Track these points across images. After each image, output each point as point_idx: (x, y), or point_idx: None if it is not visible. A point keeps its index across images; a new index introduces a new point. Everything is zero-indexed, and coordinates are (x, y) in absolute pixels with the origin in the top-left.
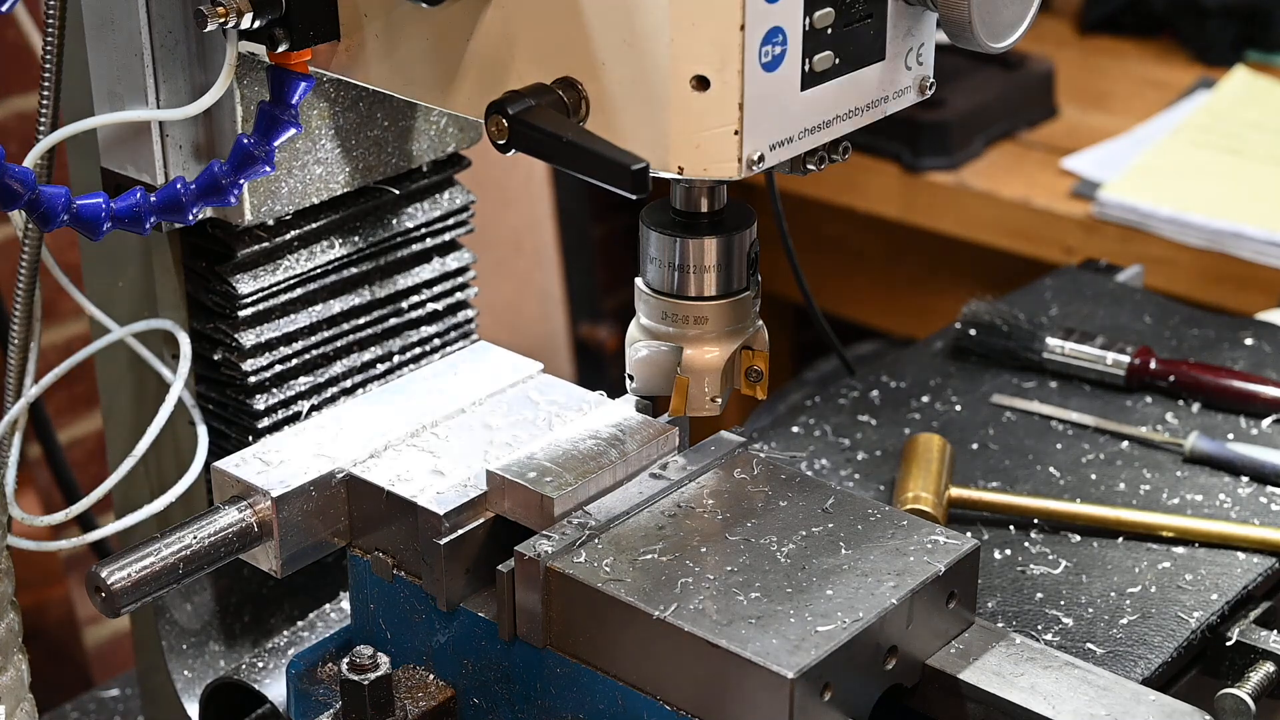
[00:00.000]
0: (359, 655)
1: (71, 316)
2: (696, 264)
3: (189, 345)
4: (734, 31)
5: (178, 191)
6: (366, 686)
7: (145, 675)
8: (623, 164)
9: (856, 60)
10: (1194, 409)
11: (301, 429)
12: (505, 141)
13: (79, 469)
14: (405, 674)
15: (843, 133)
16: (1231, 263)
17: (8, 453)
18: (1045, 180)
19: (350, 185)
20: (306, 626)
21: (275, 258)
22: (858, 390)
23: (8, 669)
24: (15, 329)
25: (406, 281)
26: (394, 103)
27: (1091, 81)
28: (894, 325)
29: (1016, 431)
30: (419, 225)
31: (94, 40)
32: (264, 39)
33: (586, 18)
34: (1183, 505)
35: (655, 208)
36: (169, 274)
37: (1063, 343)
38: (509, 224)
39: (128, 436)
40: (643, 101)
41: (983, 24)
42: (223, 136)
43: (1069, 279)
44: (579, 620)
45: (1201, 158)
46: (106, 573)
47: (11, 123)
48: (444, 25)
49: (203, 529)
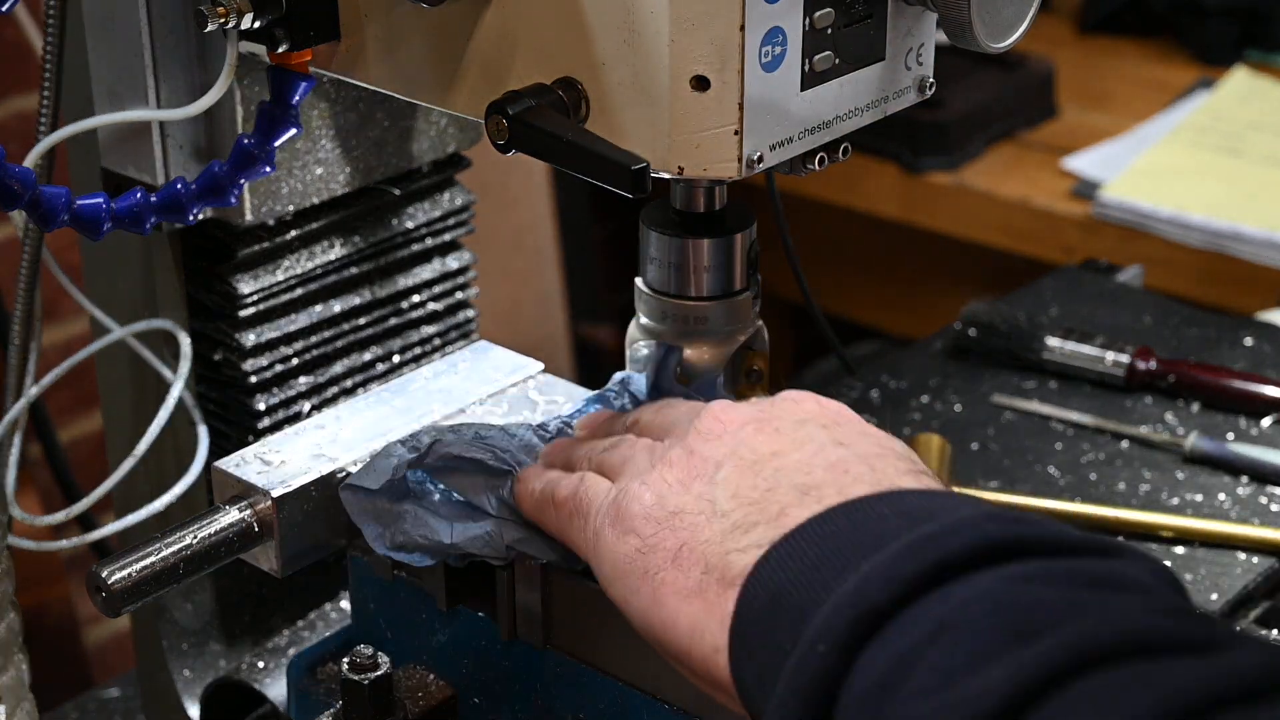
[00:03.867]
0: (359, 655)
1: (71, 316)
2: (696, 264)
3: (189, 345)
4: (734, 31)
5: (178, 191)
6: (366, 686)
7: (145, 675)
8: (623, 164)
9: (856, 60)
10: (1194, 409)
11: (302, 429)
12: (505, 141)
13: (79, 469)
14: (405, 674)
15: (843, 133)
16: (1231, 263)
17: (8, 453)
18: (1045, 180)
19: (351, 185)
20: (306, 626)
21: (275, 258)
22: (858, 390)
23: (8, 669)
24: (15, 329)
25: (407, 281)
26: (394, 103)
27: (1091, 81)
28: (894, 325)
29: (1016, 431)
30: (419, 225)
31: (94, 40)
32: (264, 39)
33: (586, 18)
34: (1183, 505)
35: (655, 207)
36: (169, 274)
37: (1062, 343)
38: (509, 224)
39: (128, 436)
40: (643, 102)
41: (983, 24)
42: (223, 137)
43: (1069, 279)
44: (579, 620)
45: (1201, 158)
46: (106, 573)
47: (11, 123)
48: (444, 25)
49: (203, 529)
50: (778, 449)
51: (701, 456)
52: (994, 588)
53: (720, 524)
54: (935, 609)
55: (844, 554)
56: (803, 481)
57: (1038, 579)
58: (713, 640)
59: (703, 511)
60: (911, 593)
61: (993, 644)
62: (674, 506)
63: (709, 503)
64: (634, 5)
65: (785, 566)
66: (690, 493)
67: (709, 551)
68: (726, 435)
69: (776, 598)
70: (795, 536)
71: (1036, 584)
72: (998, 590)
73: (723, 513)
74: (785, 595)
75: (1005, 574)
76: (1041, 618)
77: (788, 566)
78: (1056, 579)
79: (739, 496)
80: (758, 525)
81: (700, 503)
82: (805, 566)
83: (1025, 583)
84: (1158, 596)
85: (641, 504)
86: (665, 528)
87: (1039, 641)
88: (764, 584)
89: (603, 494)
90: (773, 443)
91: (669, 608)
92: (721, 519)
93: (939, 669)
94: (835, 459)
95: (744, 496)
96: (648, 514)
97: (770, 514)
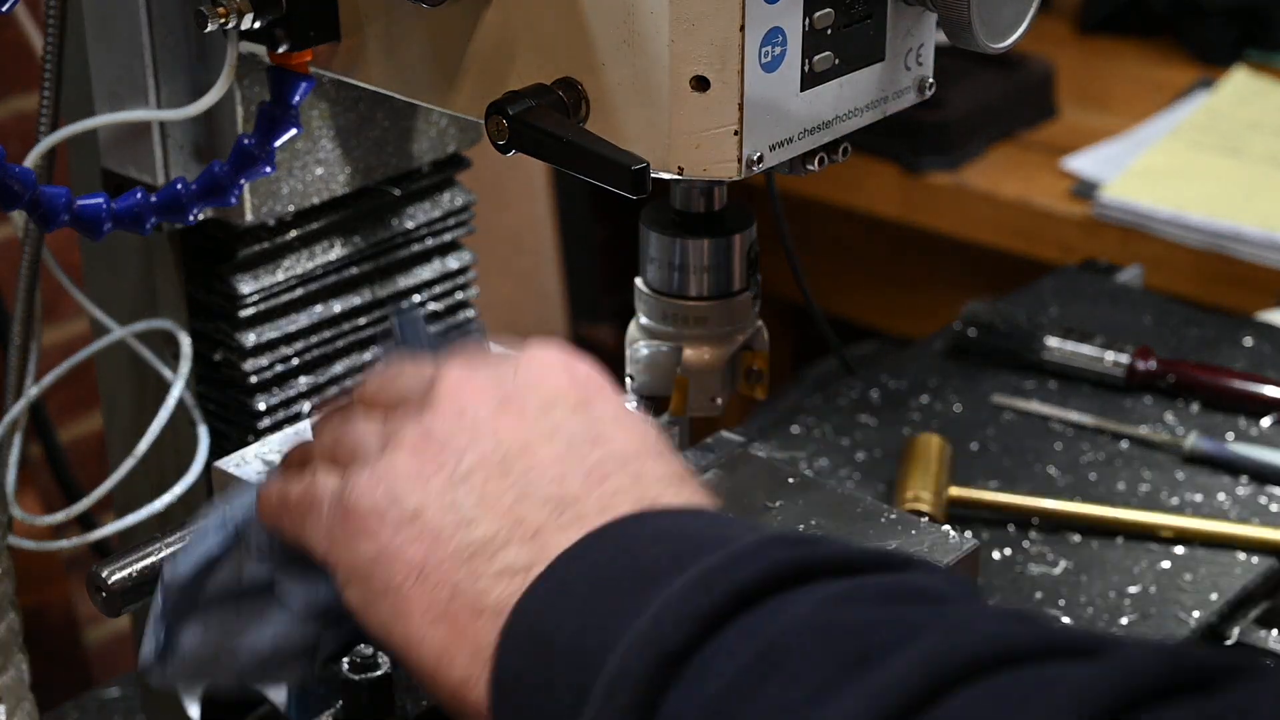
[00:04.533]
0: (359, 655)
1: (71, 316)
2: (696, 264)
3: (189, 345)
4: (734, 32)
5: (178, 192)
6: (366, 686)
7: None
8: (623, 164)
9: (856, 60)
10: (1194, 409)
11: (302, 429)
12: (505, 142)
13: (79, 469)
14: (406, 674)
15: (842, 133)
16: (1231, 263)
17: (8, 453)
18: (1045, 180)
19: (351, 186)
20: None
21: (276, 258)
22: (857, 390)
23: (8, 669)
24: (15, 329)
25: (407, 281)
26: (394, 103)
27: (1091, 81)
28: (894, 325)
29: (1016, 431)
30: (419, 226)
31: (94, 40)
32: (265, 39)
33: (586, 18)
34: (1182, 505)
35: (655, 208)
36: (169, 274)
37: (1062, 342)
38: (509, 224)
39: (128, 436)
40: (643, 102)
41: (982, 24)
42: (223, 137)
43: (1069, 279)
44: None
45: (1201, 158)
46: (107, 573)
47: (11, 123)
48: (444, 26)
49: None
50: (527, 440)
51: (439, 442)
52: (809, 615)
53: (467, 535)
54: (745, 643)
55: (619, 589)
56: (558, 493)
57: (851, 600)
58: (463, 671)
59: (446, 516)
60: (709, 629)
61: (831, 674)
62: (412, 505)
63: (451, 505)
64: (634, 6)
65: (553, 605)
66: (429, 488)
67: (457, 573)
68: (466, 414)
69: (546, 641)
70: (560, 568)
71: (852, 605)
72: (814, 617)
73: (469, 520)
74: (557, 637)
75: (814, 599)
76: (874, 640)
77: (556, 605)
78: (869, 599)
79: (486, 502)
80: (510, 544)
81: (441, 503)
82: (576, 605)
83: (840, 606)
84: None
85: (372, 499)
86: (404, 534)
87: (884, 665)
88: (529, 625)
89: (332, 488)
90: (519, 431)
91: (413, 627)
92: (468, 528)
93: (775, 707)
94: (592, 463)
95: (492, 503)
96: (381, 512)
97: (524, 532)
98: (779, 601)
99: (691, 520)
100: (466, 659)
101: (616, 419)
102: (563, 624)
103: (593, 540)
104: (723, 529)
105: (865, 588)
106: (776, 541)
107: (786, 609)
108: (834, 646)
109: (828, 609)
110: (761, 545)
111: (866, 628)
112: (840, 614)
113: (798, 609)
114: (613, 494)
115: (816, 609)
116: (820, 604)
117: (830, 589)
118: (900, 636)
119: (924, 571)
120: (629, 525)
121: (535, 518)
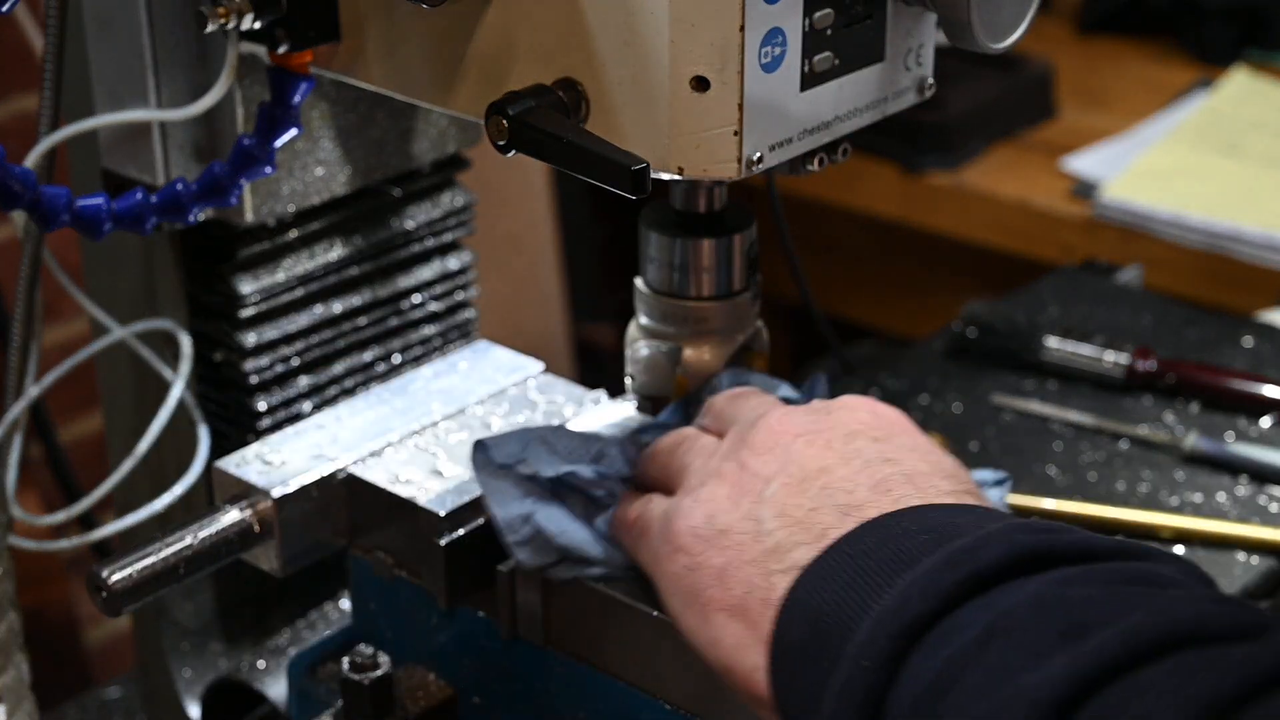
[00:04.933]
0: (359, 655)
1: (71, 316)
2: (696, 264)
3: (190, 345)
4: (734, 32)
5: (178, 192)
6: (367, 686)
7: (145, 675)
8: (623, 164)
9: (856, 61)
10: (1193, 409)
11: (302, 429)
12: (505, 142)
13: (79, 469)
14: (405, 673)
15: (842, 133)
16: (1231, 263)
17: (9, 453)
18: (1045, 180)
19: (351, 186)
20: (307, 626)
21: (276, 258)
22: (857, 390)
23: (8, 669)
24: (15, 329)
25: (407, 282)
26: (394, 103)
27: (1091, 81)
28: (893, 325)
29: (1016, 431)
30: (419, 226)
31: (94, 40)
32: (265, 39)
33: (586, 19)
34: (1182, 505)
35: (655, 208)
36: (169, 274)
37: (1062, 343)
38: (509, 224)
39: (128, 436)
40: (643, 102)
41: (982, 24)
42: (223, 137)
43: (1068, 279)
44: (579, 619)
45: (1201, 158)
46: (107, 573)
47: (11, 123)
48: (444, 26)
49: (203, 529)
50: (826, 464)
51: (752, 472)
52: (1038, 592)
53: (764, 544)
54: (979, 616)
55: (876, 572)
56: (845, 502)
57: (1078, 581)
58: (753, 659)
59: (748, 531)
60: (951, 603)
61: (1046, 642)
62: (722, 525)
63: (755, 522)
64: (634, 6)
65: (820, 587)
66: (739, 510)
67: (752, 572)
68: (778, 449)
69: (814, 619)
70: (833, 552)
71: (1078, 586)
72: (1042, 594)
73: (768, 532)
74: (822, 616)
75: (1045, 579)
76: (1091, 616)
77: (822, 587)
78: (1096, 580)
79: (784, 515)
80: (800, 546)
81: (746, 522)
82: (839, 586)
83: (1067, 585)
84: (1195, 590)
85: (690, 522)
86: (712, 547)
87: (1093, 636)
88: (800, 605)
89: (659, 514)
90: (821, 457)
91: (714, 625)
92: (766, 538)
93: (994, 668)
94: (880, 477)
95: (789, 516)
96: (696, 533)
97: (813, 535)
98: (1017, 582)
99: (959, 513)
100: (757, 647)
101: (914, 447)
102: (828, 598)
103: (865, 528)
104: (981, 519)
105: (1096, 572)
106: (1023, 528)
107: (1022, 587)
108: (1053, 619)
109: (1056, 588)
110: (1008, 530)
111: (1086, 604)
112: (1066, 592)
113: (1031, 587)
114: (895, 501)
115: (1046, 587)
116: (1051, 584)
117: (1064, 573)
118: (1113, 613)
119: (1158, 560)
120: (900, 515)
121: (824, 522)
